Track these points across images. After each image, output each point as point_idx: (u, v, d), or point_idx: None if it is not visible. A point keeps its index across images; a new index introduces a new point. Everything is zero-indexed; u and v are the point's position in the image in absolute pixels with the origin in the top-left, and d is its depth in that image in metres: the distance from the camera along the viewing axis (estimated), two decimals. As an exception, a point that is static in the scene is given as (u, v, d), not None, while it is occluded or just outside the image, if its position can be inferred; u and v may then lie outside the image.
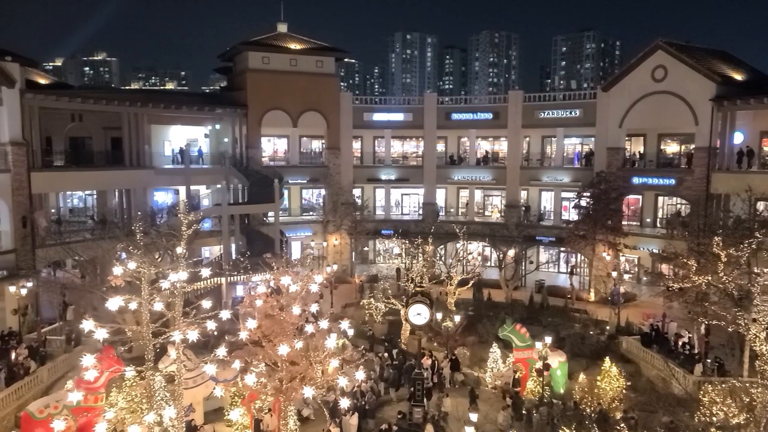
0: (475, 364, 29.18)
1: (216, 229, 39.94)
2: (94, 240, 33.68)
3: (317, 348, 17.71)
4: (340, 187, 47.34)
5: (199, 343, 17.43)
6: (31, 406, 20.76)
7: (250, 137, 45.09)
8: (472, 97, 63.03)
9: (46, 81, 41.58)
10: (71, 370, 25.71)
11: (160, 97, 45.21)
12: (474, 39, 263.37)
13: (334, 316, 31.20)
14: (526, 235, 42.76)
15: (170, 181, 41.89)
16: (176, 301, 16.65)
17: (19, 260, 32.02)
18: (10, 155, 31.91)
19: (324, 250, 47.24)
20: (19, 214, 32.26)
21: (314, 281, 19.14)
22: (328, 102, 47.32)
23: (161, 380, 20.78)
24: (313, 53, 47.31)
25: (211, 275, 31.32)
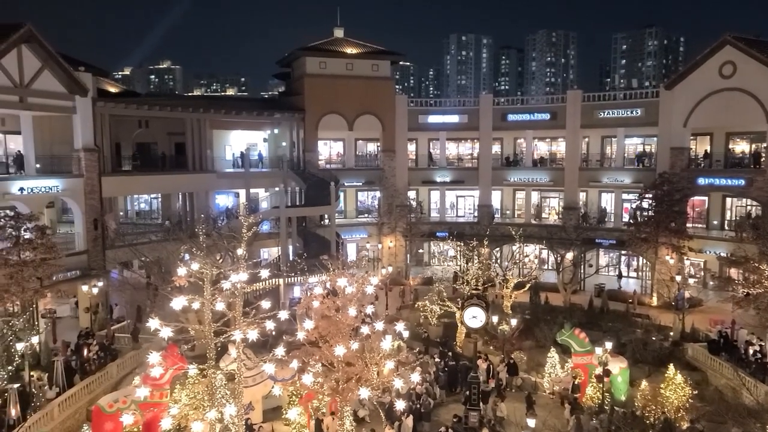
0: (532, 368, 28.70)
1: (274, 231, 40.79)
2: (160, 242, 35.03)
3: (373, 349, 17.86)
4: (395, 189, 47.52)
5: (258, 343, 17.88)
6: (101, 401, 21.73)
7: (308, 141, 45.86)
8: (529, 97, 62.02)
9: (116, 89, 43.53)
10: (138, 366, 26.77)
11: (222, 103, 46.65)
12: (531, 39, 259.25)
13: (389, 318, 31.36)
14: (584, 238, 41.78)
15: (231, 184, 43.11)
16: (237, 302, 17.14)
17: (91, 261, 33.60)
18: (83, 161, 33.53)
19: (379, 252, 47.50)
20: (91, 217, 33.86)
21: (370, 283, 19.33)
22: (383, 105, 47.60)
23: (222, 378, 21.35)
24: (368, 57, 47.73)
25: (269, 276, 32.06)
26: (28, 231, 25.97)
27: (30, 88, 30.61)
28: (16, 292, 24.95)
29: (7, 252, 25.41)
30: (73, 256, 32.04)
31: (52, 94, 31.80)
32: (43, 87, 31.29)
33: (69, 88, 32.60)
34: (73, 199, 33.48)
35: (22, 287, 25.02)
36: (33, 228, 26.15)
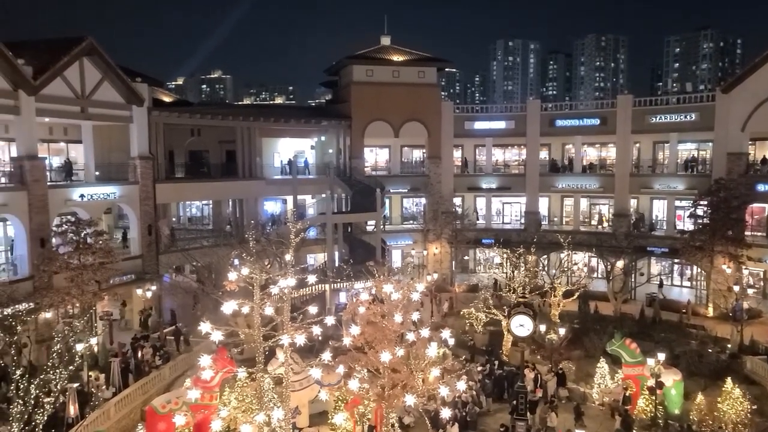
0: (581, 379, 28.13)
1: (320, 238, 41.27)
2: (211, 247, 35.93)
3: (418, 356, 17.85)
4: (441, 195, 47.43)
5: (305, 347, 18.14)
6: (154, 401, 22.38)
7: (354, 148, 46.30)
8: (578, 102, 60.89)
9: (170, 99, 44.97)
10: (189, 368, 27.45)
11: (271, 111, 47.60)
12: (579, 43, 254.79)
13: (435, 325, 31.26)
14: (636, 246, 40.71)
15: (279, 191, 43.89)
16: (284, 306, 17.43)
17: (145, 265, 34.73)
18: (139, 168, 34.75)
19: (424, 259, 47.45)
20: (146, 223, 35.02)
21: (415, 290, 19.34)
22: (429, 112, 47.64)
23: (270, 382, 21.70)
24: (415, 64, 47.90)
25: (316, 282, 32.43)
26: (87, 236, 27.09)
27: (91, 98, 31.96)
28: (77, 294, 26.04)
29: (68, 256, 26.56)
30: (128, 260, 33.15)
31: (111, 104, 33.13)
32: (103, 98, 32.63)
33: (127, 98, 33.90)
34: (129, 206, 34.71)
35: (81, 290, 26.11)
36: (92, 233, 27.27)
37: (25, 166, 28.08)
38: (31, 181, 28.14)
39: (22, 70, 27.55)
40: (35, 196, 28.30)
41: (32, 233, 28.01)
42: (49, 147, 33.52)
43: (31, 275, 27.68)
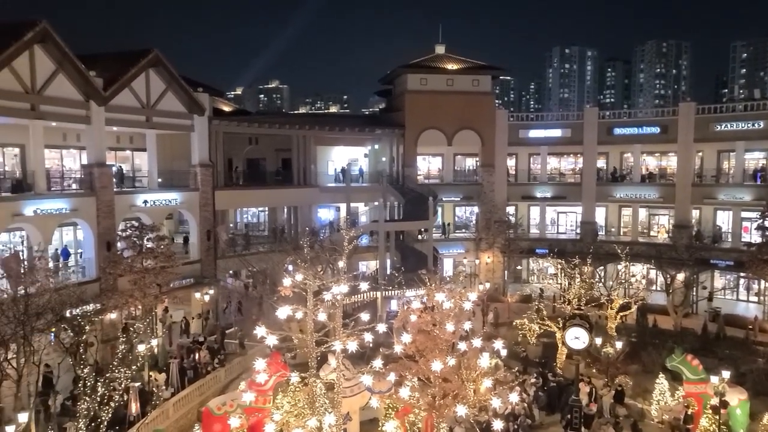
0: (639, 394, 27.24)
1: (373, 245, 41.54)
2: (266, 253, 36.72)
3: (470, 366, 17.74)
4: (494, 204, 47.01)
5: (356, 354, 18.29)
6: (210, 403, 22.96)
7: (407, 156, 46.48)
8: (637, 110, 59.39)
9: (229, 108, 46.32)
10: (244, 372, 28.06)
11: (325, 120, 48.44)
12: (639, 50, 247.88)
13: (487, 335, 30.92)
14: (697, 258, 39.18)
15: (332, 198, 44.49)
16: (337, 313, 17.66)
17: (204, 269, 35.78)
18: (199, 175, 35.91)
19: (476, 268, 47.08)
20: (205, 228, 36.11)
21: (468, 299, 19.24)
22: (483, 120, 47.37)
23: (322, 387, 21.95)
24: (469, 72, 47.79)
25: (368, 289, 32.66)
26: (150, 240, 28.17)
27: (155, 108, 33.29)
28: (139, 297, 27.07)
29: (132, 260, 27.67)
30: (187, 264, 34.22)
31: (174, 113, 34.41)
32: (167, 107, 33.92)
33: (189, 108, 35.15)
34: (189, 212, 35.88)
35: (143, 293, 27.12)
36: (154, 238, 28.33)
37: (94, 173, 29.47)
38: (99, 187, 29.51)
39: (93, 82, 28.99)
40: (103, 201, 29.65)
41: (99, 237, 29.34)
42: (116, 155, 35.03)
43: (98, 277, 28.97)
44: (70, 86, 28.14)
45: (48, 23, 26.05)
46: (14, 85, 25.42)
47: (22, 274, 21.38)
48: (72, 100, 28.36)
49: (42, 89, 26.71)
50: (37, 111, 26.58)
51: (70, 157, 32.87)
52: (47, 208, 26.94)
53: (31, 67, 26.10)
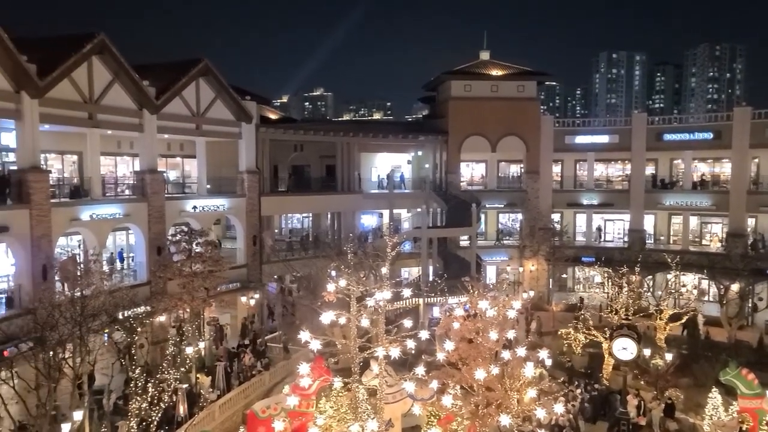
0: (691, 409, 26.40)
1: (415, 252, 41.54)
2: (310, 258, 37.18)
3: (514, 375, 17.56)
4: (538, 211, 46.38)
5: (398, 361, 18.34)
6: (255, 406, 23.33)
7: (450, 163, 46.38)
8: (688, 115, 57.82)
9: (275, 116, 47.19)
10: (288, 375, 28.45)
11: (369, 127, 48.82)
12: (690, 53, 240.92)
13: (531, 344, 30.50)
14: (753, 268, 37.73)
15: (376, 204, 44.72)
16: (379, 319, 17.76)
17: (249, 274, 36.45)
18: (246, 182, 36.64)
19: (520, 276, 46.51)
20: (251, 234, 36.80)
21: (512, 307, 19.08)
22: (528, 126, 46.88)
23: (364, 393, 22.07)
24: (514, 78, 47.42)
25: (410, 296, 32.64)
26: (198, 245, 28.90)
27: (205, 116, 34.18)
28: (188, 300, 27.78)
29: (181, 264, 28.43)
30: (234, 269, 34.92)
31: (222, 121, 35.27)
32: (216, 115, 34.79)
33: (237, 115, 35.96)
34: (236, 217, 36.65)
35: (192, 296, 27.82)
36: (203, 243, 29.05)
37: (146, 180, 30.44)
38: (151, 193, 30.44)
39: (146, 91, 29.99)
40: (154, 207, 30.57)
41: (150, 242, 30.26)
42: (167, 162, 36.08)
43: (149, 281, 29.86)
44: (124, 95, 29.19)
45: (105, 35, 27.11)
46: (74, 95, 26.52)
47: (78, 276, 22.22)
48: (126, 108, 29.40)
49: (99, 99, 27.78)
50: (94, 120, 27.65)
51: (124, 164, 34.03)
52: (102, 213, 27.95)
53: (89, 77, 27.19)
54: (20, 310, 22.57)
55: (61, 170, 29.72)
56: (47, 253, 24.31)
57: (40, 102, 24.41)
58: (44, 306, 20.93)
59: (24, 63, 23.33)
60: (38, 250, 23.93)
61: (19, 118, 23.86)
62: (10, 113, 23.58)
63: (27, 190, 23.79)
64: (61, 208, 25.79)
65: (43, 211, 24.28)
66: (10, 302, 23.53)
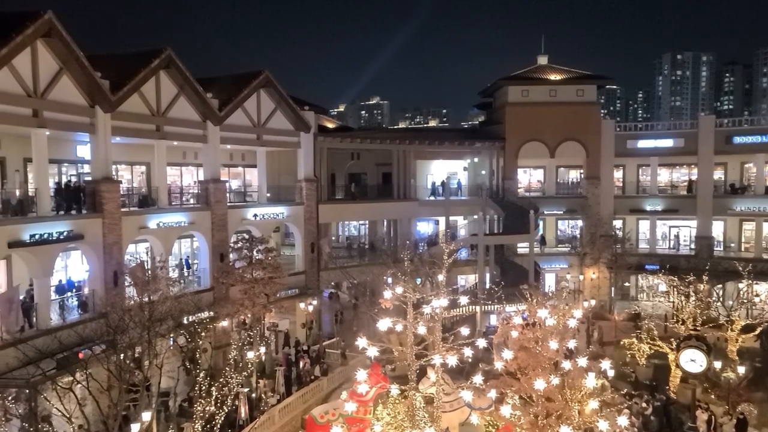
0: (764, 425, 25.16)
1: (471, 259, 41.26)
2: (367, 265, 37.49)
3: (574, 386, 17.20)
4: (599, 218, 45.29)
5: (455, 369, 18.28)
6: (314, 411, 23.69)
7: (507, 169, 45.92)
8: (760, 117, 55.29)
9: (332, 125, 47.96)
10: (346, 381, 28.71)
11: (425, 134, 48.96)
12: (762, 52, 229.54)
13: (593, 354, 29.76)
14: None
15: (431, 211, 44.71)
16: (436, 326, 17.75)
17: (307, 280, 37.06)
18: (304, 190, 37.35)
19: (580, 284, 45.45)
20: (309, 241, 37.44)
21: (572, 316, 18.70)
22: (588, 131, 45.94)
23: (421, 401, 22.05)
24: (573, 82, 46.67)
25: (467, 303, 32.42)
26: (259, 252, 29.63)
27: (265, 126, 35.11)
28: (249, 306, 28.51)
29: (242, 270, 29.22)
30: (293, 275, 35.59)
31: (282, 131, 36.13)
32: (275, 125, 35.68)
33: (295, 125, 36.77)
34: (295, 225, 37.38)
35: (253, 302, 28.53)
36: (263, 249, 29.77)
37: (209, 189, 31.48)
38: (214, 201, 31.45)
39: (210, 103, 31.08)
40: (217, 215, 31.57)
41: (213, 249, 31.24)
42: (229, 171, 37.18)
43: (212, 287, 30.81)
44: (189, 108, 30.32)
45: (172, 50, 28.29)
46: (143, 109, 27.76)
47: (146, 282, 23.17)
48: (191, 120, 30.53)
49: (166, 111, 28.97)
50: (161, 132, 28.85)
51: (188, 174, 35.27)
52: (168, 222, 29.06)
53: (157, 91, 28.41)
54: (93, 314, 23.72)
55: (130, 180, 31.05)
56: (118, 260, 25.47)
57: (112, 116, 25.68)
58: (115, 310, 21.93)
59: (98, 79, 24.62)
60: (110, 257, 25.10)
61: (94, 131, 25.15)
62: (85, 127, 24.89)
63: (100, 199, 25.02)
64: (130, 217, 26.95)
65: (114, 220, 25.48)
66: (84, 306, 24.75)
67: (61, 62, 23.17)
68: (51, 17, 21.69)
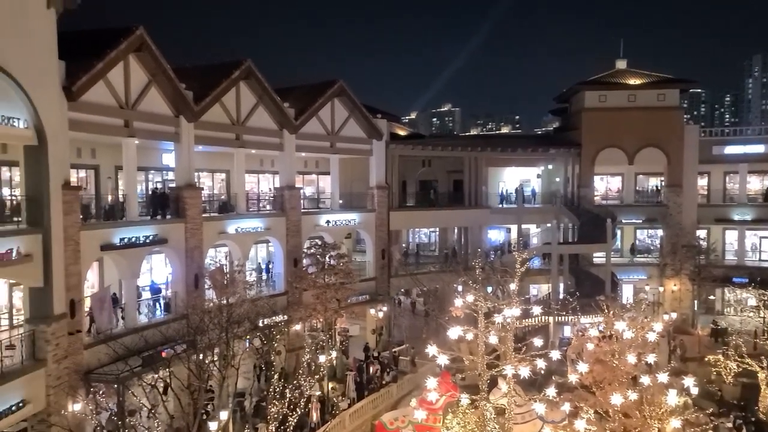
0: None
1: (545, 268, 40.39)
2: (437, 273, 37.42)
3: (654, 403, 16.56)
4: (681, 227, 43.29)
5: (527, 380, 17.94)
6: (384, 417, 23.88)
7: (583, 176, 44.71)
8: None
9: (404, 132, 48.23)
10: (415, 389, 28.73)
11: (497, 141, 48.37)
12: None
13: (674, 370, 28.43)
14: None
15: (503, 219, 44.14)
16: (508, 336, 17.52)
17: (378, 287, 37.40)
18: (376, 197, 37.78)
19: (660, 296, 43.55)
20: (379, 248, 37.78)
21: (652, 329, 18.01)
22: (669, 136, 44.07)
23: (492, 411, 21.77)
24: (654, 87, 44.96)
25: (540, 313, 31.74)
26: (331, 258, 30.19)
27: (338, 134, 35.84)
28: (321, 310, 29.08)
29: (315, 275, 29.85)
30: (364, 281, 36.00)
31: (354, 139, 36.78)
32: (348, 133, 36.37)
33: (368, 133, 37.32)
34: (366, 231, 37.83)
35: (325, 307, 29.07)
36: (335, 255, 30.31)
37: (285, 195, 32.41)
38: (289, 208, 32.36)
39: (287, 113, 32.05)
40: (292, 221, 32.45)
41: (288, 254, 32.10)
42: (303, 178, 38.12)
43: (286, 291, 31.63)
44: (267, 117, 31.39)
45: (251, 61, 29.37)
46: (223, 118, 28.98)
47: (225, 285, 24.08)
48: (268, 129, 31.58)
49: (245, 120, 30.12)
50: (240, 140, 30.01)
51: (265, 181, 36.42)
52: (246, 227, 30.14)
53: (236, 101, 29.58)
54: (176, 314, 24.89)
55: (211, 187, 32.39)
56: (199, 263, 26.62)
57: (195, 125, 26.95)
58: (196, 312, 22.92)
59: (183, 90, 25.90)
60: (191, 261, 26.28)
61: (178, 140, 26.46)
62: (170, 136, 26.22)
63: (183, 205, 26.27)
64: (211, 222, 28.13)
65: (196, 225, 26.69)
66: (167, 307, 26.02)
67: (150, 75, 24.53)
68: (142, 33, 23.03)
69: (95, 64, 21.24)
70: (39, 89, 18.90)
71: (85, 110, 21.42)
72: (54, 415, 18.98)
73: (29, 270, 18.84)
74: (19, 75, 18.06)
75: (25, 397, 18.28)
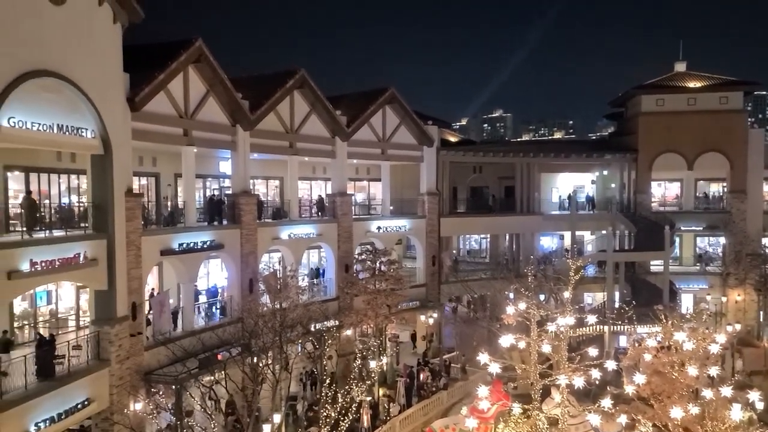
0: None
1: (599, 276, 39.53)
2: (488, 280, 37.09)
3: (716, 417, 15.96)
4: (745, 235, 41.58)
5: (581, 390, 17.60)
6: (434, 424, 23.85)
7: (639, 182, 43.53)
8: None
9: (455, 139, 48.10)
10: (466, 396, 28.54)
11: (550, 146, 47.66)
12: None
13: (738, 384, 27.28)
14: None
15: (556, 226, 43.39)
16: (561, 345, 17.24)
17: (428, 293, 37.34)
18: (426, 203, 37.78)
19: (723, 306, 41.85)
20: (430, 254, 37.74)
21: (714, 341, 17.38)
22: (732, 141, 42.43)
23: (545, 422, 21.43)
24: (715, 89, 43.39)
25: (595, 322, 31.01)
26: (382, 264, 30.36)
27: (389, 141, 36.08)
28: (371, 316, 29.27)
29: (366, 281, 30.09)
30: (414, 288, 36.00)
31: (405, 146, 36.94)
32: (399, 140, 36.57)
33: (419, 140, 37.42)
34: (417, 237, 37.87)
35: (375, 312, 29.25)
36: (386, 261, 30.47)
37: (336, 202, 32.82)
38: (340, 214, 32.75)
39: (339, 120, 32.50)
40: (343, 227, 32.82)
41: (339, 260, 32.46)
42: (354, 185, 38.49)
43: (337, 296, 31.98)
44: (319, 125, 31.90)
45: (305, 71, 29.94)
46: (278, 126, 29.63)
47: (278, 290, 24.56)
48: (321, 137, 32.10)
49: (298, 128, 30.70)
50: (294, 148, 30.59)
51: (317, 188, 36.96)
52: (299, 233, 30.65)
53: (290, 109, 30.20)
54: (231, 318, 25.53)
55: (265, 194, 33.08)
56: (253, 268, 27.24)
57: (250, 133, 27.66)
58: (250, 316, 23.43)
59: (239, 100, 26.64)
60: (246, 266, 26.92)
61: (234, 148, 27.21)
62: (227, 144, 26.99)
63: (239, 211, 26.96)
64: (265, 228, 28.72)
65: (251, 231, 27.34)
66: (223, 311, 26.71)
67: (208, 85, 25.34)
68: (201, 44, 23.82)
69: (157, 76, 22.09)
70: (105, 101, 19.77)
71: (147, 120, 22.30)
72: (116, 413, 19.72)
73: (95, 273, 19.66)
74: (88, 88, 18.93)
75: (90, 396, 19.04)
